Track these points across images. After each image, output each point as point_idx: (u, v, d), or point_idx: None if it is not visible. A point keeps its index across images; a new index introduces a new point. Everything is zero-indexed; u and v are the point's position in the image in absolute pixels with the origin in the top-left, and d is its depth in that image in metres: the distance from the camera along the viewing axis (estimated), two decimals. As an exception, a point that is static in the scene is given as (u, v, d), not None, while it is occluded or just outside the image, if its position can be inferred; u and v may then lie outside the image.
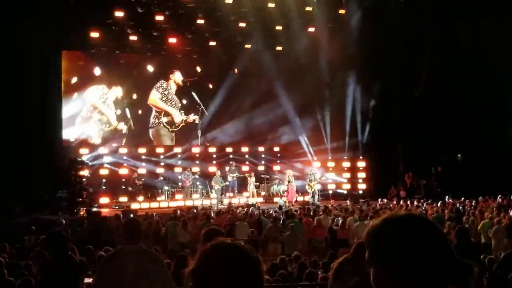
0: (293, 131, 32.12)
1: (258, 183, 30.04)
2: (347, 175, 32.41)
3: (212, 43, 30.28)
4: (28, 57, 24.15)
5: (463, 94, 28.37)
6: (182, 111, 31.62)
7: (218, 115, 31.65)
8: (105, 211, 24.40)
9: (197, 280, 2.23)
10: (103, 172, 28.30)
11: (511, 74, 28.21)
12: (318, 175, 29.47)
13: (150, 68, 30.79)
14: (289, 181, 28.67)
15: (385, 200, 27.43)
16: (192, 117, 31.66)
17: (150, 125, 31.00)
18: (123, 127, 30.20)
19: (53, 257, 7.45)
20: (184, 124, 31.66)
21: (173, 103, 31.45)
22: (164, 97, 31.25)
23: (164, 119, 31.32)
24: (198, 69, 31.91)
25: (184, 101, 31.73)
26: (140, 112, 30.58)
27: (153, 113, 31.10)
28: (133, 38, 28.45)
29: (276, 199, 29.11)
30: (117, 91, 29.88)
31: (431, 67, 29.07)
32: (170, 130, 31.48)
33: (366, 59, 29.54)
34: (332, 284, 7.26)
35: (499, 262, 9.49)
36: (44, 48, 25.12)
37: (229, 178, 29.21)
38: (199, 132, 31.68)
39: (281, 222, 18.24)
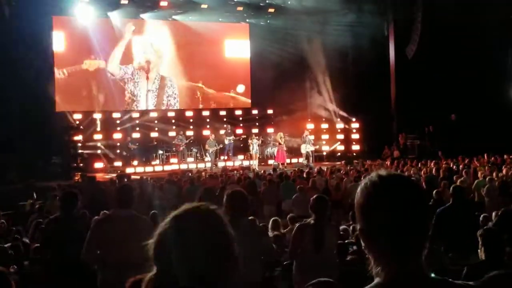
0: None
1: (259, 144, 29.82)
2: (341, 136, 32.44)
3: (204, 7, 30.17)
4: (18, 22, 23.97)
5: (457, 53, 28.27)
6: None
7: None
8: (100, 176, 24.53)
9: (157, 247, 2.21)
10: (97, 137, 28.19)
11: (506, 33, 28.18)
12: (312, 137, 29.54)
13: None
14: (279, 143, 28.74)
15: (378, 161, 27.54)
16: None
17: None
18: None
19: (64, 214, 7.74)
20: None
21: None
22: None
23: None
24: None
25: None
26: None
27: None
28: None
29: (270, 162, 29.25)
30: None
31: (424, 27, 29.01)
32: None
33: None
34: (291, 246, 7.37)
35: (496, 219, 9.57)
36: (34, 14, 24.90)
37: (226, 141, 29.18)
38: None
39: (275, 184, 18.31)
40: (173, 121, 30.93)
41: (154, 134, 29.82)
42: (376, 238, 2.12)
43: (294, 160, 30.13)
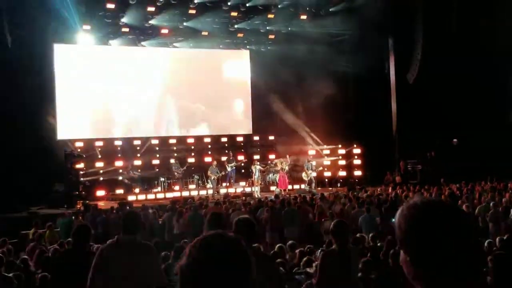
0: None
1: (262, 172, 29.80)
2: (343, 162, 32.41)
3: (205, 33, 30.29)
4: (20, 51, 24.11)
5: (458, 78, 28.33)
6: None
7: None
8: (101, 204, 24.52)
9: (185, 277, 2.16)
10: (99, 164, 28.21)
11: (508, 57, 28.26)
12: (314, 163, 29.54)
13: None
14: (282, 169, 28.70)
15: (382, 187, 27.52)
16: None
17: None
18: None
19: (74, 246, 7.72)
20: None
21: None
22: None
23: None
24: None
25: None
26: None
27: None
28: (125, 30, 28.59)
29: (272, 188, 29.19)
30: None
31: (425, 51, 29.11)
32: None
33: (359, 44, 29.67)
34: (319, 275, 7.31)
35: (501, 245, 9.52)
36: (36, 42, 25.08)
37: (228, 168, 29.18)
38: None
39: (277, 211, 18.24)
40: (175, 148, 30.91)
41: (155, 161, 29.75)
42: (425, 267, 2.10)
43: (296, 186, 30.05)
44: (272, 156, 31.73)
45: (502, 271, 5.89)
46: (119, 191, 27.81)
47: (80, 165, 26.66)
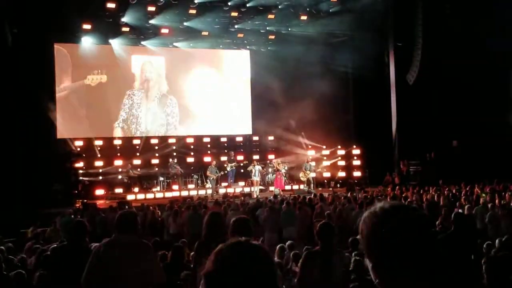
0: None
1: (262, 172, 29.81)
2: (342, 163, 32.40)
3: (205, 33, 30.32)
4: (20, 50, 24.13)
5: (459, 79, 28.31)
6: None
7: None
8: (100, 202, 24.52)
9: (212, 283, 2.14)
10: (98, 163, 28.22)
11: (508, 58, 28.24)
12: (313, 164, 29.52)
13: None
14: (277, 170, 28.74)
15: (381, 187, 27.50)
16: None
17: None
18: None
19: (69, 243, 7.71)
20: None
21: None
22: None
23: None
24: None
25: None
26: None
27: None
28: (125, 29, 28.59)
29: (271, 188, 29.19)
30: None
31: (425, 52, 29.09)
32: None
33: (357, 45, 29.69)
34: (299, 274, 7.34)
35: (499, 246, 9.51)
36: (36, 41, 25.09)
37: (228, 168, 29.22)
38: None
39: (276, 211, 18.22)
40: (174, 147, 30.90)
41: (155, 161, 29.73)
42: (385, 270, 2.12)
43: (295, 187, 30.05)
44: (271, 157, 31.72)
45: (496, 273, 5.90)
46: (118, 190, 27.77)
47: (80, 164, 26.68)
